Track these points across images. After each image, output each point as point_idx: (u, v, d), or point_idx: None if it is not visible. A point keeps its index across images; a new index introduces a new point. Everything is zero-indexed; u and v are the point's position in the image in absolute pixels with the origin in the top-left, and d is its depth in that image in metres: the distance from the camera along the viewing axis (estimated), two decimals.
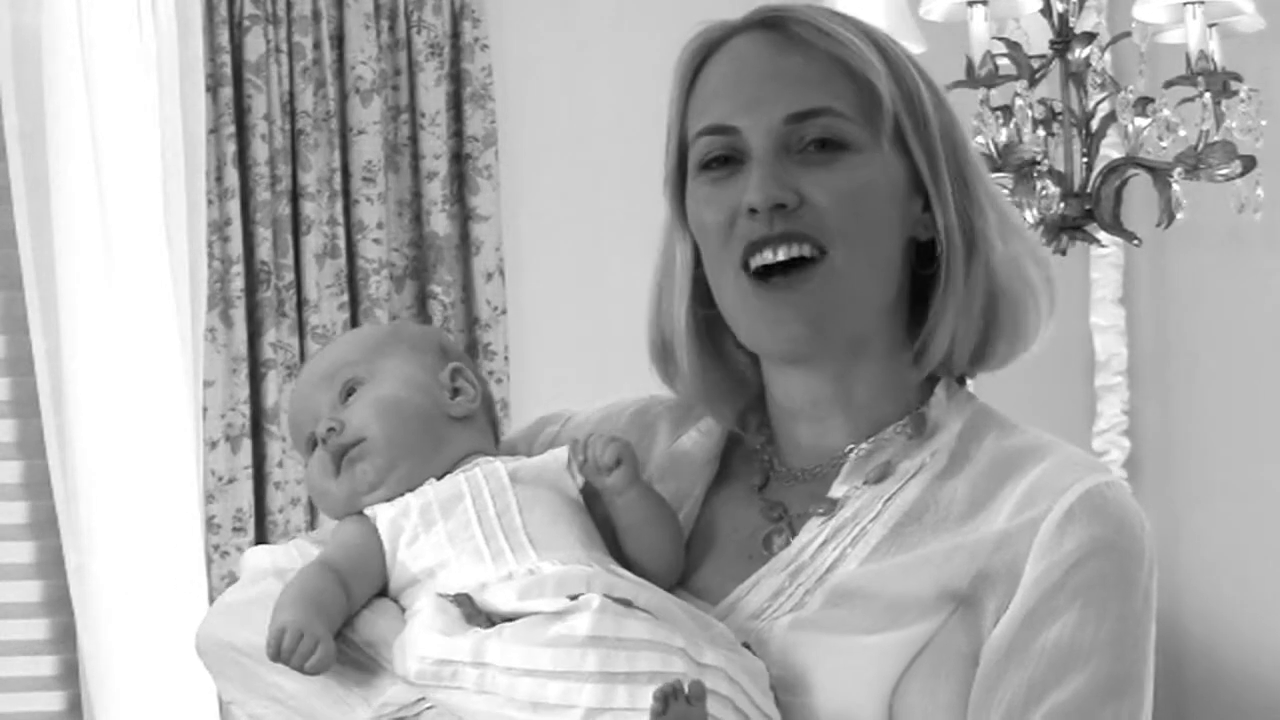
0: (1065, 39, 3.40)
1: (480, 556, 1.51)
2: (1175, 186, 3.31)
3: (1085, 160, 3.40)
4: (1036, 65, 3.39)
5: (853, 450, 1.54)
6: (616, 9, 4.29)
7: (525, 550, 1.50)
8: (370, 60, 3.97)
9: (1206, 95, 3.24)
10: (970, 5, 3.30)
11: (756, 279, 1.50)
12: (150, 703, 3.69)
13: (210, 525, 3.83)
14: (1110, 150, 3.46)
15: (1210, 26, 3.25)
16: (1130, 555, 1.47)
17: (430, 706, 1.47)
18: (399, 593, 1.54)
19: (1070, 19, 3.41)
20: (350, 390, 1.62)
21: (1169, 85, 3.32)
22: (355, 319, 3.95)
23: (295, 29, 3.92)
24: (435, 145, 4.02)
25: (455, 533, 1.52)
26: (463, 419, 1.63)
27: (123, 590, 3.68)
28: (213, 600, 3.76)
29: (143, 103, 3.73)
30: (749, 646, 1.47)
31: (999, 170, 3.27)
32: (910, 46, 1.59)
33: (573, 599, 1.45)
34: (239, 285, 3.85)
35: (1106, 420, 4.50)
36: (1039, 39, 3.42)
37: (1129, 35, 3.40)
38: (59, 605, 3.79)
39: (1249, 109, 3.28)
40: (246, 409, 3.87)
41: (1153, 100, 3.31)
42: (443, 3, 4.04)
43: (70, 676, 3.81)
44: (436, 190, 4.02)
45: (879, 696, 1.43)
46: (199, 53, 3.82)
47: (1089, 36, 3.40)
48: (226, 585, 3.79)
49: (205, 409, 3.83)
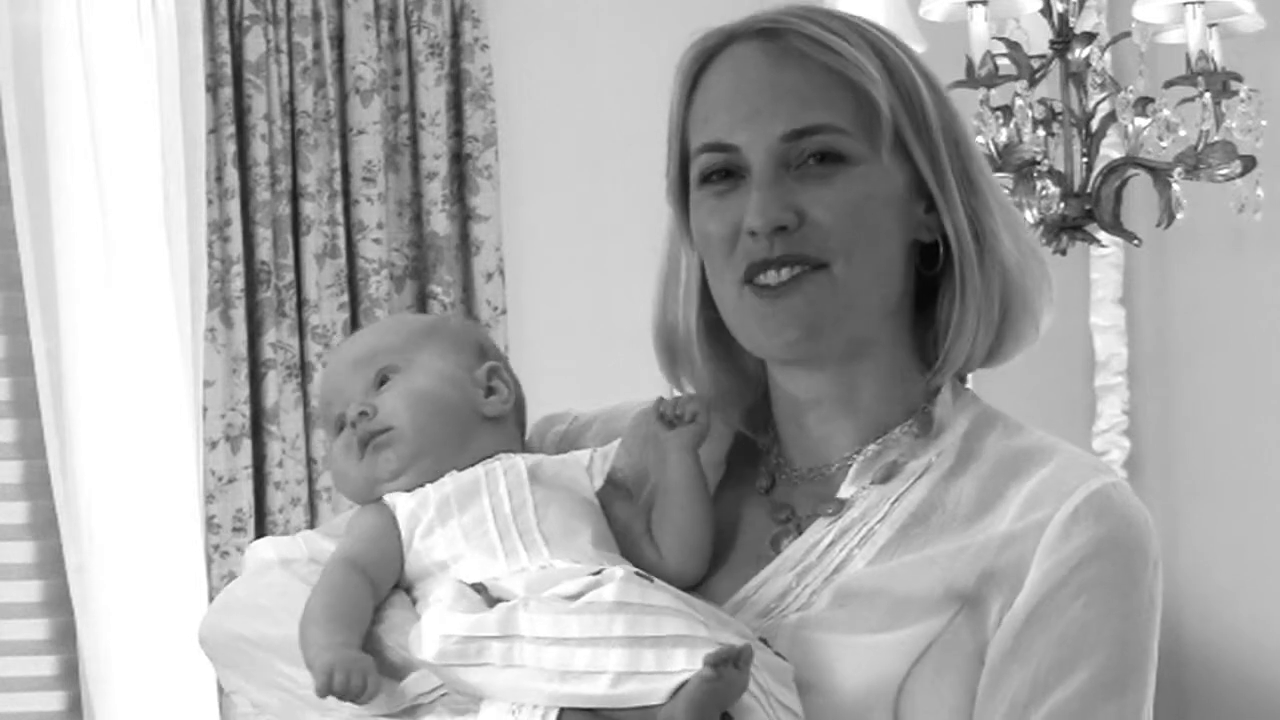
0: (1065, 39, 3.40)
1: (494, 552, 1.51)
2: (1175, 186, 3.31)
3: (1085, 160, 3.40)
4: (1036, 65, 3.39)
5: (860, 451, 1.55)
6: (616, 9, 4.29)
7: (538, 548, 1.51)
8: (370, 60, 3.97)
9: (1206, 95, 3.24)
10: (970, 5, 3.30)
11: (756, 287, 1.51)
12: (150, 703, 3.70)
13: (210, 525, 3.83)
14: (1110, 150, 3.46)
15: (1210, 26, 3.25)
16: (1134, 554, 1.47)
17: (444, 694, 1.47)
18: (411, 583, 1.55)
19: (1070, 19, 3.41)
20: (385, 378, 1.62)
21: (1169, 85, 3.32)
22: (355, 319, 3.95)
23: (295, 29, 3.93)
24: (435, 145, 4.02)
25: (470, 527, 1.53)
26: (494, 419, 1.63)
27: (123, 590, 3.68)
28: (213, 600, 3.77)
29: (143, 103, 3.73)
30: (766, 641, 1.47)
31: (999, 170, 3.27)
32: (911, 46, 1.58)
33: (595, 574, 1.46)
34: (239, 285, 3.85)
35: (1106, 420, 4.50)
36: (1039, 39, 3.42)
37: (1129, 35, 3.40)
38: (59, 605, 3.79)
39: (1249, 109, 3.28)
40: (246, 409, 3.87)
41: (1153, 100, 3.31)
42: (443, 3, 4.04)
43: (70, 676, 3.81)
44: (436, 190, 4.02)
45: (885, 695, 1.44)
46: (199, 53, 3.83)
47: (1089, 36, 3.40)
48: (226, 584, 3.79)
49: (205, 409, 3.83)
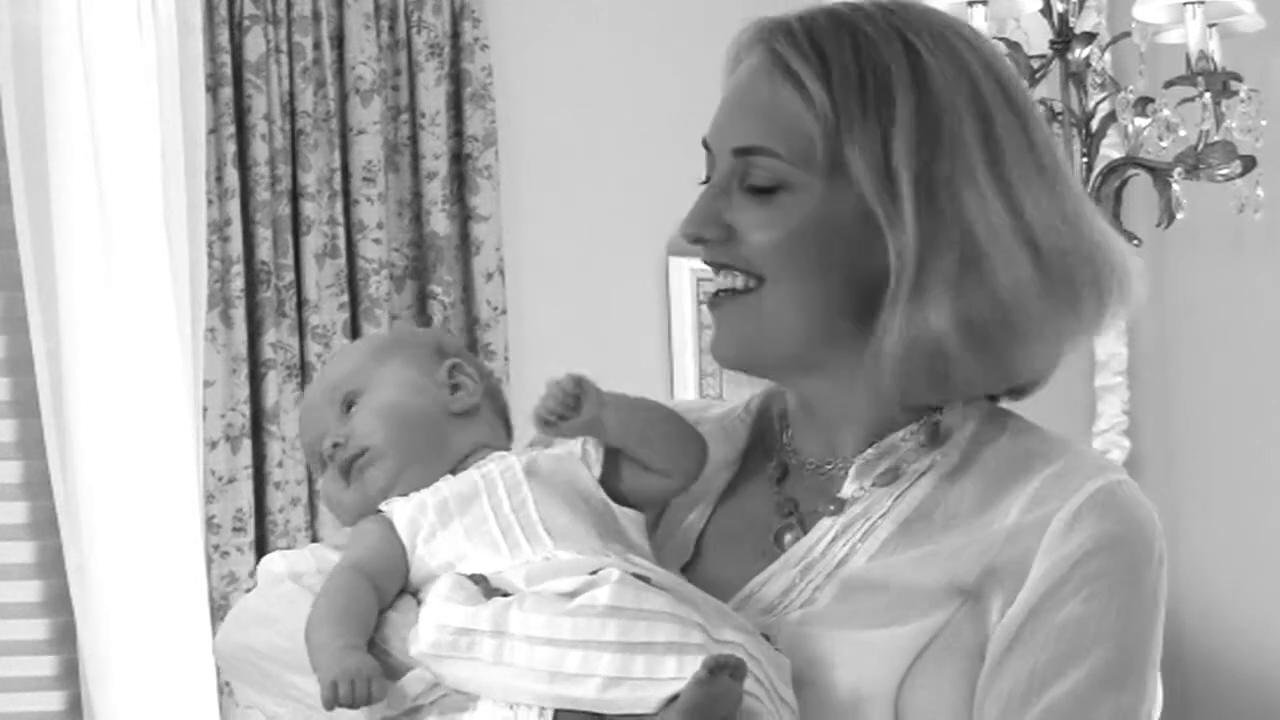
0: (1065, 39, 3.40)
1: (497, 548, 1.51)
2: (1175, 186, 3.31)
3: (1085, 160, 3.40)
4: (1036, 65, 3.39)
5: (860, 455, 1.55)
6: (616, 10, 4.29)
7: (541, 541, 1.51)
8: (370, 60, 3.97)
9: (1206, 95, 3.24)
10: (970, 5, 3.30)
11: (710, 295, 1.56)
12: (150, 703, 3.69)
13: (210, 525, 3.83)
14: (1110, 150, 3.46)
15: (1210, 26, 3.25)
16: (1138, 551, 1.47)
17: (444, 694, 1.48)
18: (417, 588, 1.55)
19: (1070, 19, 3.41)
20: (350, 403, 1.64)
21: (1169, 85, 3.32)
22: (355, 319, 3.95)
23: (295, 29, 3.93)
24: (435, 145, 4.02)
25: (472, 528, 1.53)
26: (465, 414, 1.64)
27: (123, 590, 3.68)
28: (213, 600, 3.78)
29: (143, 103, 3.73)
30: (768, 637, 1.47)
31: None
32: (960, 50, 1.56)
33: (592, 574, 1.46)
34: (239, 285, 3.85)
35: (1106, 420, 4.50)
36: (1039, 39, 3.42)
37: (1129, 35, 3.40)
38: (59, 605, 3.79)
39: (1249, 109, 3.28)
40: (246, 409, 3.87)
41: (1153, 100, 3.31)
42: (443, 3, 4.04)
43: (70, 676, 3.80)
44: (436, 190, 4.02)
45: (886, 690, 1.44)
46: (199, 53, 3.83)
47: (1089, 36, 3.40)
48: (226, 585, 3.80)
49: (205, 409, 3.83)
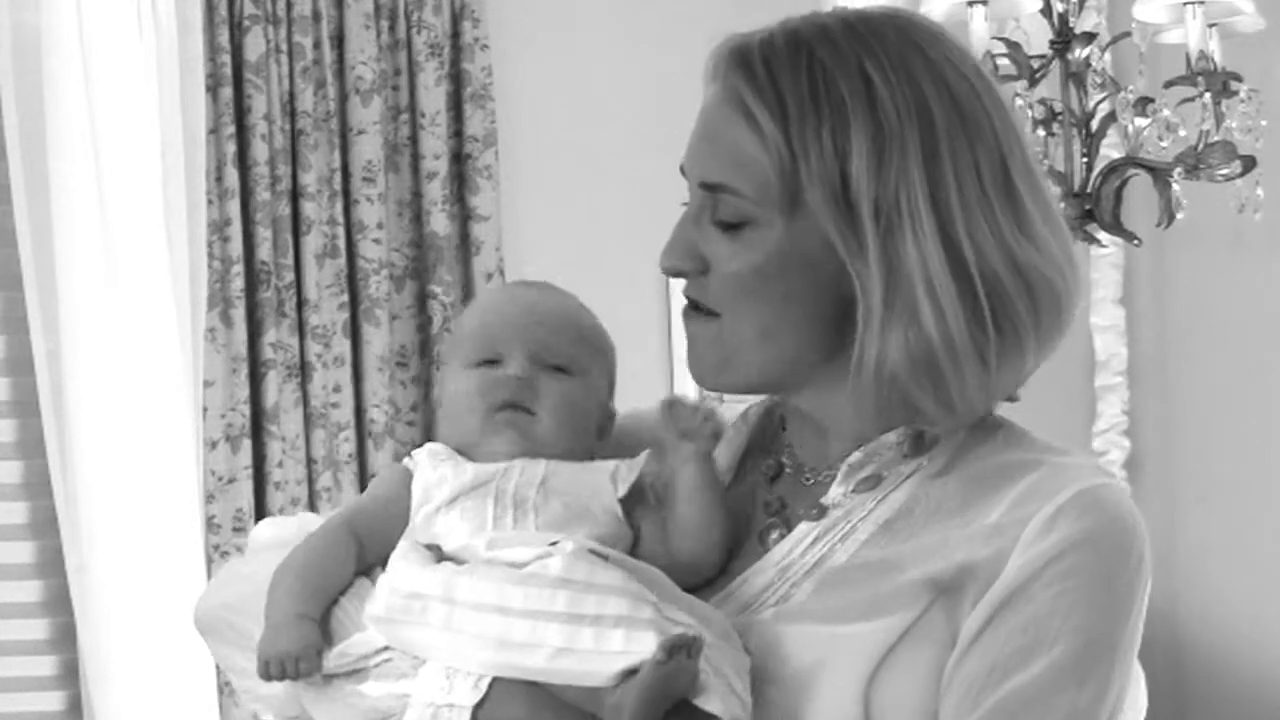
0: (1065, 39, 3.40)
1: (482, 529, 1.53)
2: (1175, 186, 3.31)
3: (1085, 160, 3.40)
4: (1036, 65, 3.39)
5: (846, 456, 1.56)
6: (616, 10, 4.29)
7: (528, 529, 1.52)
8: (370, 60, 3.97)
9: (1206, 95, 3.24)
10: (970, 5, 3.30)
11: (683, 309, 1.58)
12: (150, 703, 3.70)
13: (210, 525, 3.83)
14: (1110, 150, 3.46)
15: (1210, 26, 3.25)
16: (1114, 551, 1.47)
17: (388, 659, 1.49)
18: None
19: (1070, 19, 3.41)
20: (557, 367, 1.62)
21: (1169, 85, 3.32)
22: (355, 319, 3.96)
23: (295, 29, 3.93)
24: (435, 145, 4.02)
25: (469, 510, 1.54)
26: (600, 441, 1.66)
27: (123, 590, 3.68)
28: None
29: (143, 103, 3.73)
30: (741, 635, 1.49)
31: None
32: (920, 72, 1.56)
33: (551, 544, 1.47)
34: (239, 285, 3.85)
35: (1106, 420, 4.50)
36: (1039, 39, 3.42)
37: (1129, 35, 3.40)
38: (59, 605, 3.79)
39: (1249, 109, 3.28)
40: (246, 409, 3.87)
41: (1153, 100, 3.31)
42: (443, 3, 4.04)
43: (70, 676, 3.81)
44: (436, 190, 4.02)
45: (856, 685, 1.44)
46: (199, 53, 3.83)
47: (1089, 36, 3.40)
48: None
49: (205, 409, 3.83)
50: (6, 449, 3.84)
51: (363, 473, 3.94)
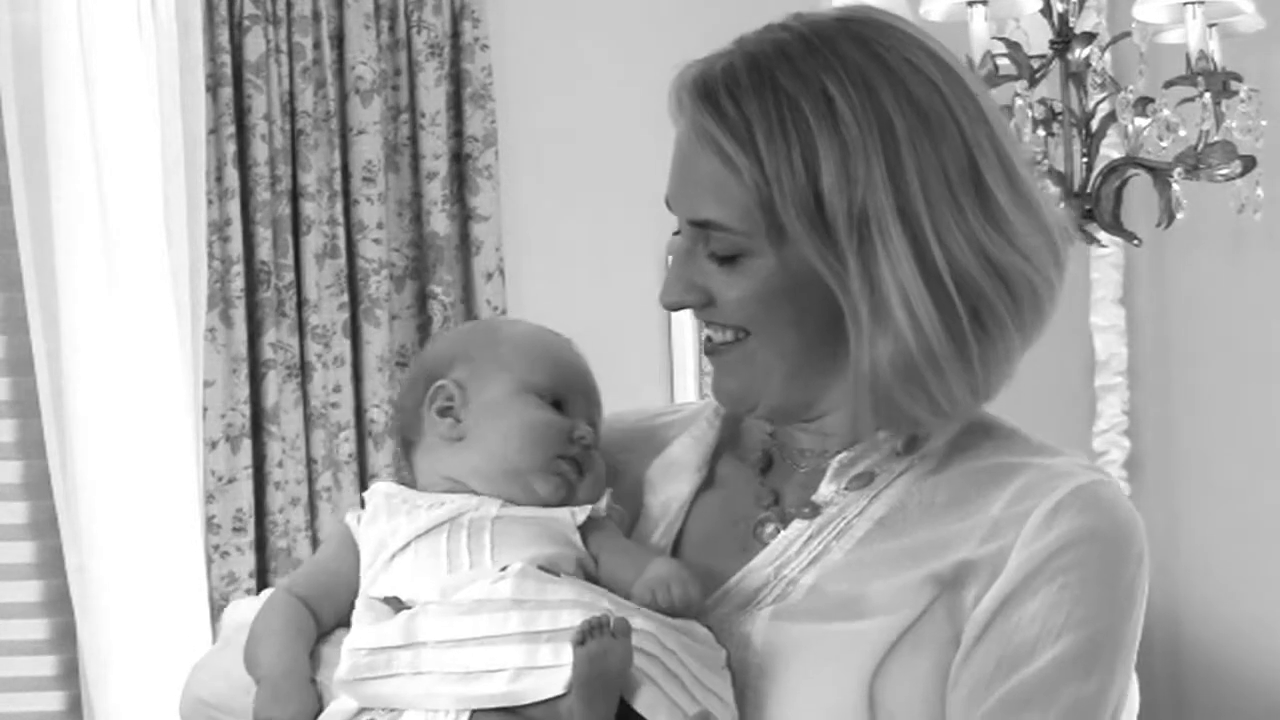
0: (1065, 39, 3.40)
1: (436, 573, 1.52)
2: (1175, 186, 3.31)
3: (1085, 160, 3.40)
4: (1036, 65, 3.39)
5: (837, 457, 1.56)
6: (616, 10, 4.29)
7: (483, 566, 1.52)
8: (370, 60, 3.97)
9: (1206, 95, 3.24)
10: (970, 5, 3.30)
11: (706, 343, 1.58)
12: (150, 703, 3.69)
13: (210, 525, 3.83)
14: (1110, 150, 3.46)
15: (1210, 26, 3.25)
16: (1115, 546, 1.48)
17: (371, 716, 1.49)
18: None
19: (1070, 19, 3.41)
20: (592, 423, 1.62)
21: (1169, 85, 3.32)
22: (355, 319, 3.95)
23: (295, 29, 3.92)
24: (435, 145, 4.02)
25: (423, 554, 1.54)
26: None
27: (123, 590, 3.68)
28: (213, 600, 3.78)
29: (143, 103, 3.73)
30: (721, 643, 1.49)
31: None
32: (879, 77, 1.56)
33: (501, 570, 1.48)
34: (239, 285, 3.85)
35: (1106, 420, 4.50)
36: (1039, 39, 3.42)
37: (1129, 35, 3.40)
38: (59, 605, 3.79)
39: (1249, 109, 3.28)
40: (246, 409, 3.87)
41: (1153, 100, 3.31)
42: (443, 3, 4.04)
43: (70, 676, 3.80)
44: (436, 190, 4.02)
45: (860, 682, 1.44)
46: (199, 53, 3.82)
47: (1089, 36, 3.40)
48: (226, 585, 3.80)
49: (205, 409, 3.83)
50: (6, 449, 3.84)
51: (363, 473, 3.94)
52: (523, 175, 4.18)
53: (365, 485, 3.79)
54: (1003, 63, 3.36)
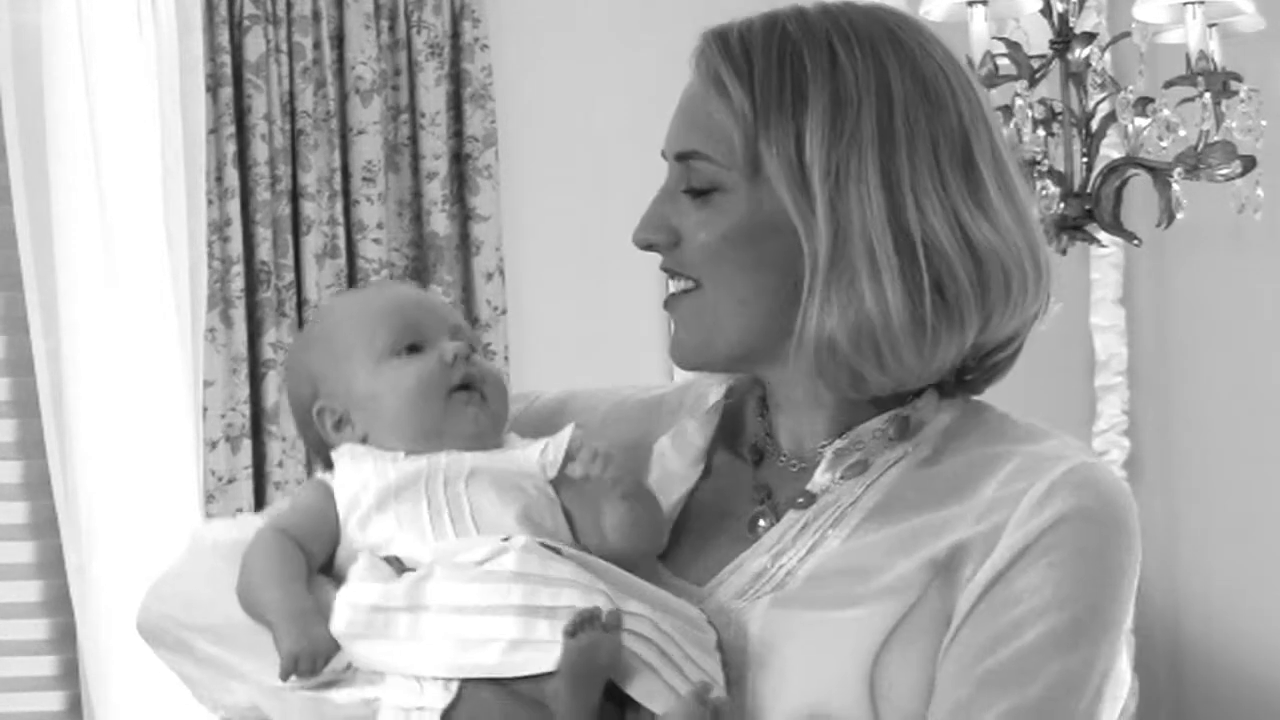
0: (1065, 39, 3.40)
1: (423, 536, 1.53)
2: (1175, 186, 3.31)
3: (1085, 160, 3.40)
4: (1036, 65, 3.39)
5: (829, 445, 1.57)
6: (616, 9, 4.29)
7: (469, 533, 1.52)
8: (370, 60, 3.97)
9: (1206, 95, 3.24)
10: (970, 5, 3.30)
11: (666, 299, 1.60)
12: (150, 702, 3.70)
13: None
14: (1110, 150, 3.46)
15: (1210, 26, 3.25)
16: (1106, 525, 1.49)
17: (355, 672, 1.49)
18: (343, 568, 1.56)
19: (1070, 19, 3.41)
20: (473, 348, 1.64)
21: (1169, 85, 3.32)
22: None
23: (295, 29, 3.93)
24: (435, 145, 4.02)
25: (404, 515, 1.54)
26: None
27: (123, 590, 3.68)
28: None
29: (143, 103, 3.73)
30: (712, 624, 1.49)
31: None
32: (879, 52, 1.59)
33: (504, 540, 1.48)
34: (239, 285, 3.85)
35: (1106, 420, 4.50)
36: (1039, 39, 3.42)
37: (1129, 35, 3.40)
38: (59, 605, 3.79)
39: (1249, 109, 3.28)
40: (246, 409, 3.87)
41: (1153, 100, 3.31)
42: (443, 3, 4.04)
43: (70, 676, 3.81)
44: (436, 190, 4.02)
45: (859, 669, 1.45)
46: (199, 53, 3.83)
47: (1089, 36, 3.40)
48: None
49: (205, 409, 3.83)
50: (6, 449, 3.84)
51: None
52: (523, 175, 4.18)
53: None
54: (1003, 63, 3.36)
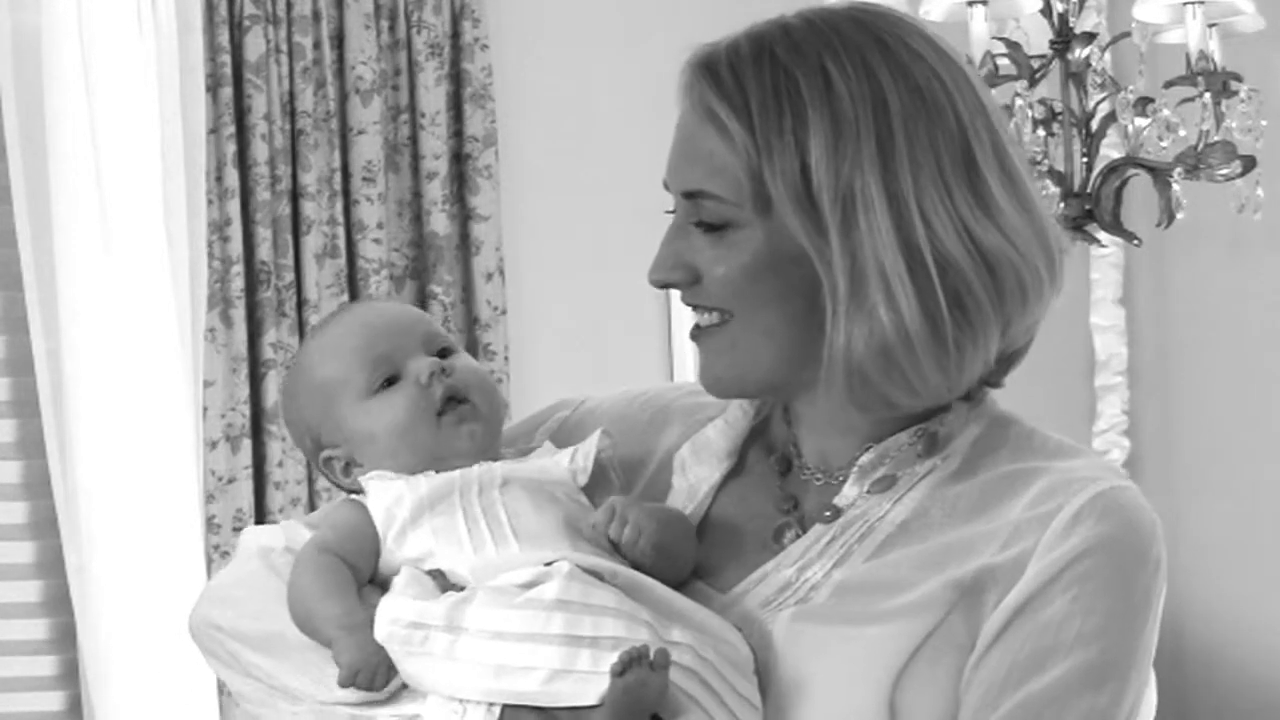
0: (1065, 39, 3.40)
1: (461, 548, 1.52)
2: (1175, 186, 3.31)
3: (1085, 160, 3.40)
4: (1036, 65, 3.39)
5: (858, 459, 1.55)
6: (616, 9, 4.29)
7: (507, 543, 1.52)
8: (370, 60, 3.97)
9: (1206, 95, 3.24)
10: (970, 5, 3.30)
11: (691, 329, 1.58)
12: (150, 703, 3.69)
13: (210, 525, 3.83)
14: (1110, 150, 3.46)
15: (1210, 26, 3.25)
16: (1133, 553, 1.47)
17: (403, 685, 1.49)
18: (387, 580, 1.55)
19: (1070, 19, 3.41)
20: (444, 351, 1.62)
21: (1169, 85, 3.32)
22: None
23: (295, 29, 3.92)
24: (435, 145, 4.02)
25: (440, 528, 1.54)
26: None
27: (123, 590, 3.68)
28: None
29: (143, 103, 3.73)
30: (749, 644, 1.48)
31: None
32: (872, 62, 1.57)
33: (547, 565, 1.47)
34: (239, 285, 3.85)
35: (1106, 420, 4.50)
36: (1039, 39, 3.42)
37: (1129, 35, 3.40)
38: (59, 605, 3.79)
39: (1249, 109, 3.28)
40: (246, 409, 3.87)
41: (1153, 100, 3.31)
42: (443, 3, 4.04)
43: (70, 676, 3.80)
44: (436, 190, 4.02)
45: (881, 688, 1.44)
46: (199, 52, 3.82)
47: (1089, 36, 3.40)
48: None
49: (205, 409, 3.83)
50: (6, 449, 3.84)
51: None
52: (523, 175, 4.18)
53: None
54: (1003, 63, 3.36)
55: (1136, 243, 3.47)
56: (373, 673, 1.47)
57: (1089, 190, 3.39)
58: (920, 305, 1.47)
